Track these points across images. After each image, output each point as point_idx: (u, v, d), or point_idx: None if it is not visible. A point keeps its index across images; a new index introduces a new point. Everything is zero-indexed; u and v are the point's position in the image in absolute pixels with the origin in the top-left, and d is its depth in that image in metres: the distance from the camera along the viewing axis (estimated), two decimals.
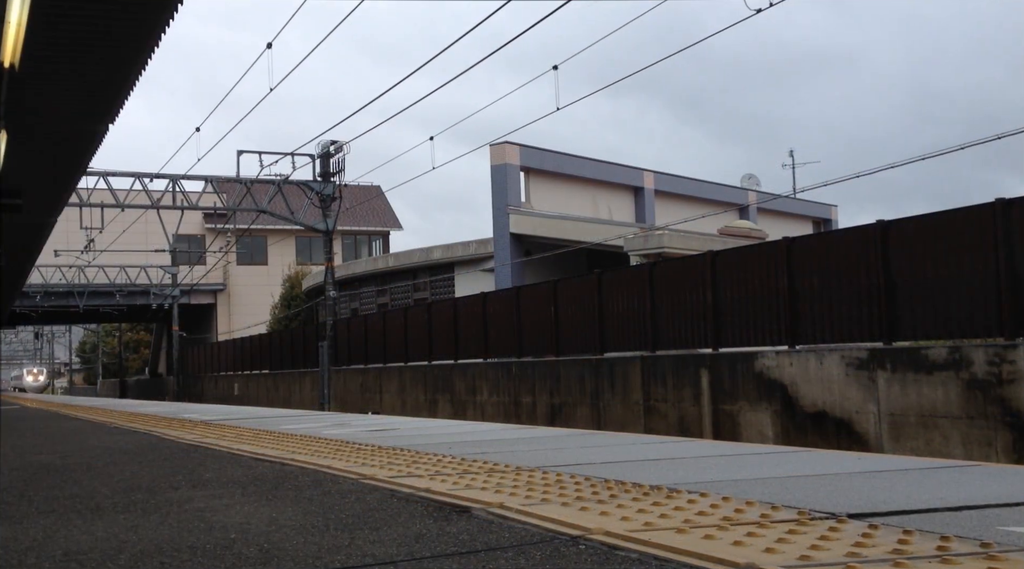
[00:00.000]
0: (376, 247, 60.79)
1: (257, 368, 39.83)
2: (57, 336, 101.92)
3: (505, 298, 22.14)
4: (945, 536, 3.18)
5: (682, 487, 4.60)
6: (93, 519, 4.52)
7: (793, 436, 13.29)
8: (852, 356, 12.60)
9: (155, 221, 39.74)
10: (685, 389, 15.46)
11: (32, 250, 23.97)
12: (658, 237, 25.96)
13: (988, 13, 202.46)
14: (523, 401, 19.91)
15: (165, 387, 53.75)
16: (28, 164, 14.22)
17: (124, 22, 9.34)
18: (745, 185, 44.53)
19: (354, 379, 29.45)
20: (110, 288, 52.48)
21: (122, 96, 11.74)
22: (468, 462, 6.14)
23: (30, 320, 64.07)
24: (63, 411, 21.71)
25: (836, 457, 6.20)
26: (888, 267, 12.53)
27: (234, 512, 4.56)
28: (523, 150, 32.40)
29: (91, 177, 29.13)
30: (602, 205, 36.16)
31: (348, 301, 41.43)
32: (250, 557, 3.46)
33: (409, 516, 4.21)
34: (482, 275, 33.62)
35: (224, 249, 50.20)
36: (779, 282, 14.18)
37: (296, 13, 16.61)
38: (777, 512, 3.80)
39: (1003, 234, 11.14)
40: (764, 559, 2.94)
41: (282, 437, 9.41)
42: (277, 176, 31.13)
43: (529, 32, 15.57)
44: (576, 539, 3.49)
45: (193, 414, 16.43)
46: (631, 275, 18.04)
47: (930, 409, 11.48)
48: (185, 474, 6.41)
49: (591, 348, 18.43)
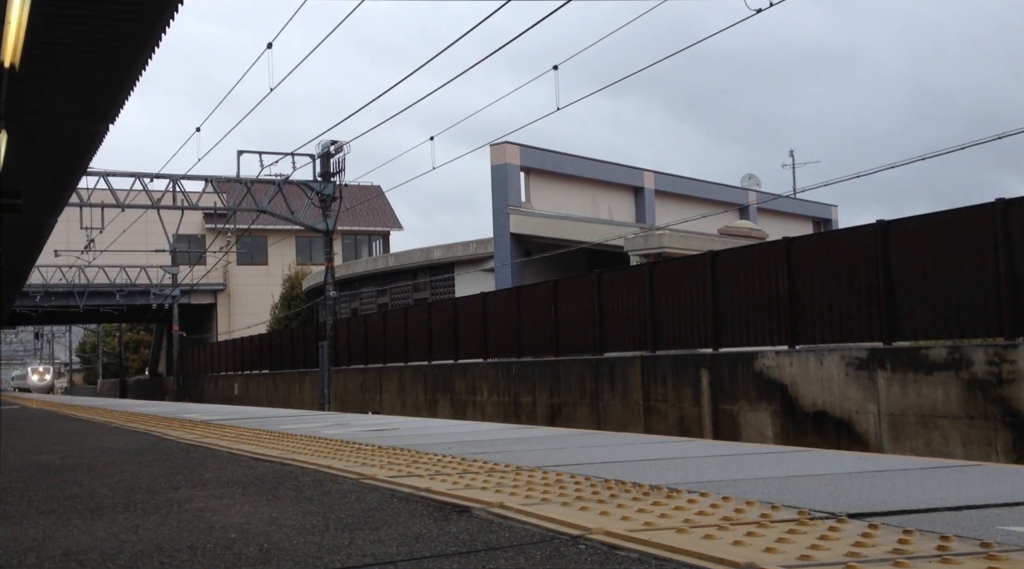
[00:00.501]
0: (376, 247, 60.80)
1: (257, 368, 39.83)
2: (57, 336, 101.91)
3: (505, 298, 22.14)
4: (945, 536, 3.18)
5: (682, 487, 4.60)
6: (93, 519, 4.52)
7: (793, 436, 13.29)
8: (852, 356, 12.60)
9: (155, 221, 39.74)
10: (685, 389, 15.46)
11: (32, 250, 23.97)
12: (658, 237, 25.97)
13: (988, 12, 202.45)
14: (523, 401, 19.90)
15: (165, 387, 53.76)
16: (28, 164, 14.22)
17: (124, 22, 9.34)
18: (745, 185, 44.53)
19: (354, 379, 29.45)
20: (110, 288, 52.48)
21: (122, 96, 11.74)
22: (468, 462, 6.14)
23: (30, 320, 64.08)
24: (63, 411, 21.71)
25: (836, 457, 6.20)
26: (888, 267, 12.53)
27: (234, 512, 4.56)
28: (523, 150, 32.40)
29: (91, 177, 29.14)
30: (602, 205, 36.16)
31: (348, 301, 41.43)
32: (250, 557, 3.46)
33: (409, 516, 4.21)
34: (482, 275, 33.62)
35: (224, 249, 50.20)
36: (779, 282, 14.18)
37: (296, 13, 16.61)
38: (777, 512, 3.80)
39: (1003, 234, 11.14)
40: (764, 559, 2.94)
41: (282, 437, 9.41)
42: (277, 176, 31.14)
43: (529, 32, 15.58)
44: (576, 539, 3.49)
45: (193, 414, 16.43)
46: (631, 275, 18.04)
47: (930, 409, 11.48)
48: (185, 474, 6.41)
49: (591, 348, 18.43)
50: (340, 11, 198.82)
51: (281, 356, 36.90)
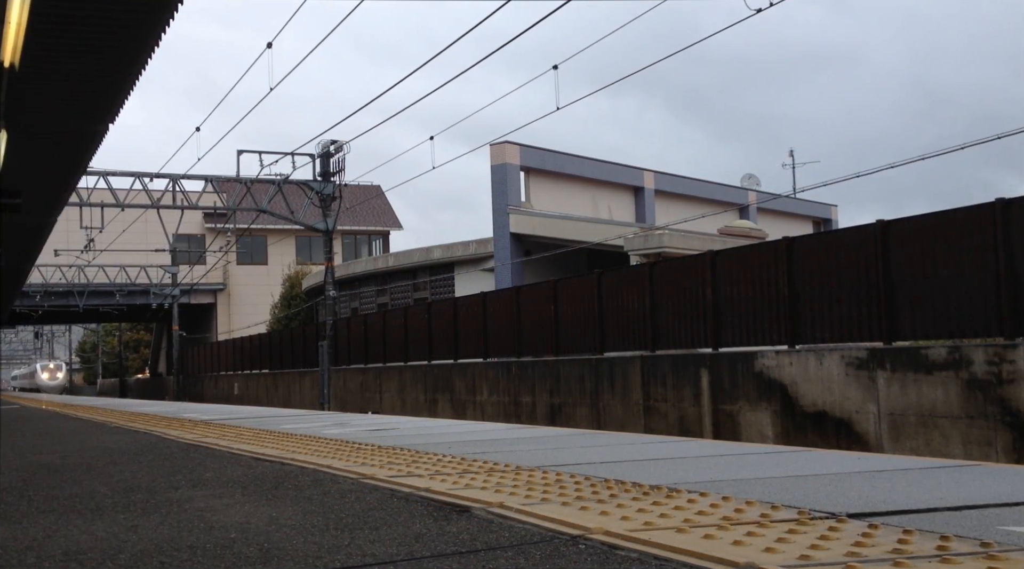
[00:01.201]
0: (376, 247, 60.81)
1: (257, 368, 39.84)
2: (57, 336, 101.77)
3: (505, 298, 22.14)
4: (945, 536, 3.18)
5: (682, 487, 4.60)
6: (93, 519, 4.52)
7: (793, 436, 13.29)
8: (852, 356, 12.60)
9: (155, 221, 39.73)
10: (685, 389, 15.46)
11: (32, 250, 23.96)
12: (658, 237, 25.97)
13: (988, 11, 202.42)
14: (523, 401, 19.91)
15: (165, 387, 53.76)
16: (28, 164, 14.21)
17: (124, 21, 9.34)
18: (745, 185, 44.54)
19: (354, 379, 29.45)
20: (110, 288, 52.49)
21: (122, 96, 11.73)
22: (468, 462, 6.14)
23: (30, 320, 64.10)
24: (63, 411, 21.71)
25: (836, 457, 6.20)
26: (888, 267, 12.53)
27: (234, 512, 4.56)
28: (523, 150, 32.40)
29: (91, 177, 29.14)
30: (602, 205, 36.16)
31: (348, 301, 41.44)
32: (250, 557, 3.46)
33: (409, 516, 4.21)
34: (482, 275, 33.63)
35: (224, 249, 50.21)
36: (779, 282, 14.18)
37: (296, 13, 16.60)
38: (777, 512, 3.80)
39: (1003, 234, 11.14)
40: (764, 559, 2.94)
41: (282, 437, 9.41)
42: (277, 176, 31.14)
43: (529, 31, 15.58)
44: (576, 539, 3.49)
45: (193, 414, 16.43)
46: (631, 275, 18.04)
47: (930, 409, 11.48)
48: (185, 474, 6.41)
49: (591, 348, 18.43)
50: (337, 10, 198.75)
51: (281, 356, 36.91)
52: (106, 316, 61.22)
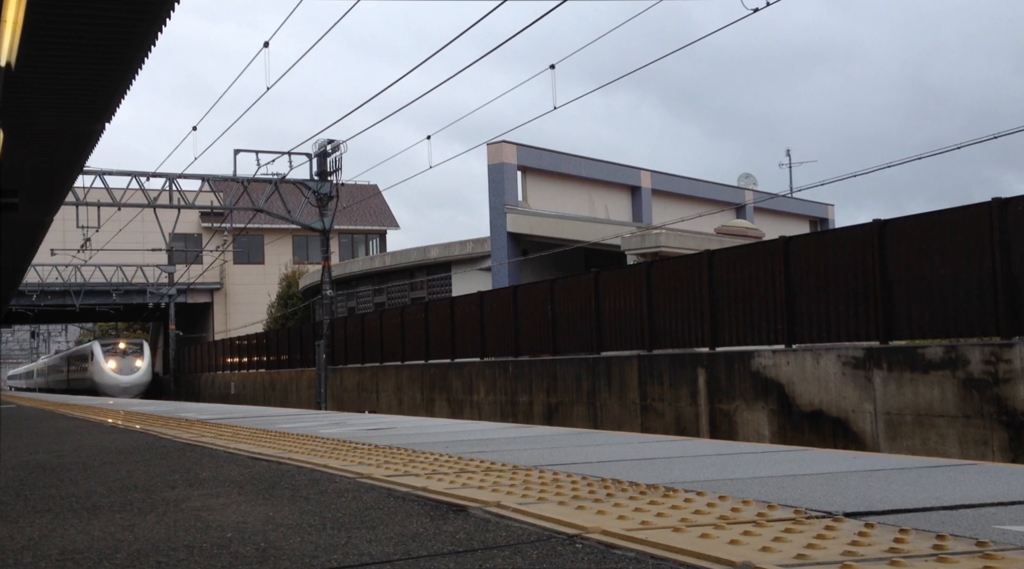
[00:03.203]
0: (373, 246, 60.82)
1: (254, 367, 39.82)
2: (53, 335, 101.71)
3: (502, 297, 22.14)
4: (941, 535, 3.18)
5: (679, 486, 4.60)
6: (89, 518, 4.51)
7: (789, 435, 13.30)
8: (848, 355, 12.61)
9: (152, 220, 39.69)
10: (682, 388, 15.47)
11: (28, 249, 23.94)
12: (655, 236, 25.98)
13: (987, 7, 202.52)
14: (520, 400, 19.91)
15: (162, 386, 53.73)
16: (24, 163, 14.20)
17: (121, 20, 9.33)
18: (742, 184, 44.57)
19: (351, 378, 29.44)
20: (106, 287, 52.47)
21: (119, 95, 11.72)
22: (465, 461, 6.14)
23: (26, 319, 64.03)
24: (59, 410, 21.69)
25: (832, 456, 6.20)
26: (884, 266, 12.54)
27: (231, 511, 4.56)
28: (520, 149, 32.41)
29: (87, 176, 29.12)
30: (599, 204, 36.18)
31: (345, 300, 41.43)
32: (247, 556, 3.46)
33: (406, 515, 4.21)
34: (479, 274, 33.63)
35: (221, 248, 50.17)
36: (776, 281, 14.19)
37: (293, 12, 16.60)
38: (773, 511, 3.80)
39: (999, 234, 11.15)
40: (760, 558, 2.94)
41: (279, 436, 9.40)
42: (274, 175, 31.14)
43: (526, 30, 15.58)
44: (573, 538, 3.49)
45: (190, 413, 16.42)
46: (628, 274, 18.05)
47: (926, 408, 11.49)
48: (182, 473, 6.41)
49: (588, 347, 18.44)
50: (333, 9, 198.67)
51: (278, 355, 36.90)
52: (102, 315, 61.20)
